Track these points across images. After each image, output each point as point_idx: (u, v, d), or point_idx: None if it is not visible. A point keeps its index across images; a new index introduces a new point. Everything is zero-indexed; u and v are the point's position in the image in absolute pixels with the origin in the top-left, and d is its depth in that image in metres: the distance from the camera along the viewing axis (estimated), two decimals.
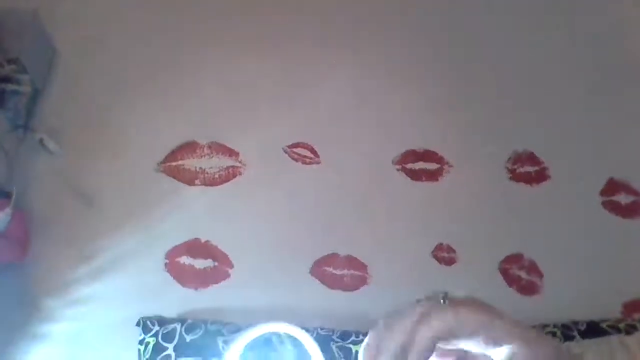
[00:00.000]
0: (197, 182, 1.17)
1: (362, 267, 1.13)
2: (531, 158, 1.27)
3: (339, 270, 1.13)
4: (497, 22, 1.44)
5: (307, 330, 0.97)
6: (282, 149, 1.22)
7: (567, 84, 1.38)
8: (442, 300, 0.38)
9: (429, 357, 0.37)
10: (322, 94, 1.30)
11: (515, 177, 1.25)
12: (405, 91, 1.33)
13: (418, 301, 0.40)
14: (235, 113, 1.25)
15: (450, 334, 0.36)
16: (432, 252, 1.16)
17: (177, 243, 1.10)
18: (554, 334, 0.99)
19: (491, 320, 0.37)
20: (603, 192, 1.26)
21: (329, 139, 1.24)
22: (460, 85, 1.35)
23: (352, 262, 1.14)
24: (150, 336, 0.96)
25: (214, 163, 1.19)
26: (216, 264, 1.10)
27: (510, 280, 1.15)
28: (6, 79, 1.11)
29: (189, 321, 0.98)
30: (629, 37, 1.46)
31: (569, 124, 1.33)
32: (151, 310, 1.02)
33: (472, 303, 0.38)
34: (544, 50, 1.42)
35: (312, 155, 1.22)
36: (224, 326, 0.98)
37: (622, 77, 1.40)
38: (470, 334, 0.37)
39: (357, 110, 1.29)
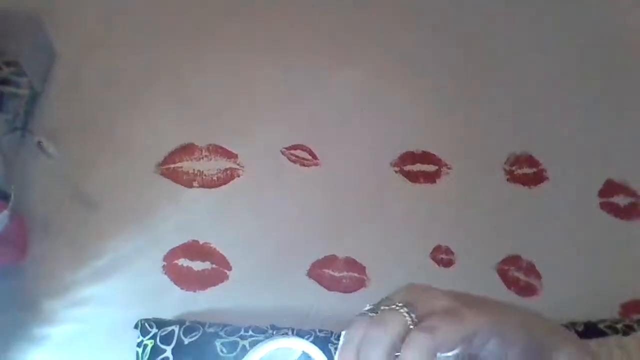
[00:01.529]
0: (195, 184, 1.17)
1: (361, 269, 1.13)
2: (529, 160, 1.27)
3: (337, 273, 1.13)
4: (496, 25, 1.44)
5: (305, 332, 0.97)
6: (281, 151, 1.22)
7: (565, 85, 1.38)
8: (409, 319, 0.35)
9: None
10: (320, 97, 1.30)
11: (513, 178, 1.25)
12: (403, 93, 1.33)
13: (377, 310, 0.36)
14: (234, 115, 1.25)
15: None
16: (431, 254, 1.16)
17: (175, 245, 1.10)
18: None
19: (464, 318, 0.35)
20: (601, 194, 1.26)
21: (327, 141, 1.25)
22: (458, 86, 1.35)
23: (350, 264, 1.14)
24: (149, 338, 0.96)
25: (212, 165, 1.19)
26: (214, 266, 1.10)
27: (509, 282, 1.15)
28: (5, 82, 1.11)
29: (187, 323, 0.98)
30: (630, 37, 1.47)
31: (567, 126, 1.33)
32: (149, 312, 1.02)
33: (437, 304, 0.36)
34: (543, 52, 1.42)
35: (310, 157, 1.22)
36: (222, 328, 0.98)
37: (621, 78, 1.40)
38: (451, 348, 0.35)
39: (355, 113, 1.29)
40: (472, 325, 0.34)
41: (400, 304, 0.35)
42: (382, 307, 0.36)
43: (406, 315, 0.35)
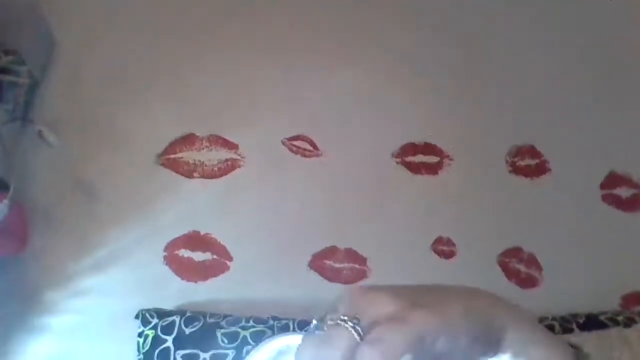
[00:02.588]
0: (196, 174, 1.16)
1: (362, 260, 1.13)
2: (531, 151, 1.27)
3: (338, 264, 1.13)
4: (497, 16, 1.42)
5: (306, 323, 0.97)
6: (282, 141, 1.22)
7: (567, 76, 1.37)
8: (355, 333, 0.34)
9: None
10: (321, 87, 1.29)
11: (515, 170, 1.25)
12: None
13: (324, 324, 0.36)
14: (235, 106, 1.24)
15: None
16: (432, 245, 1.16)
17: (176, 236, 1.10)
18: (552, 327, 0.99)
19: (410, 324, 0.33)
20: (603, 186, 1.25)
21: (329, 132, 1.24)
22: (460, 78, 1.34)
23: (351, 255, 1.14)
24: (150, 329, 0.97)
25: (213, 156, 1.18)
26: (215, 256, 1.10)
27: (510, 273, 1.15)
28: (4, 71, 1.11)
29: (188, 314, 0.99)
30: (631, 30, 1.45)
31: (569, 117, 1.32)
32: (150, 302, 1.02)
33: (383, 313, 0.35)
34: (545, 44, 1.41)
35: (311, 148, 1.22)
36: (223, 319, 0.98)
37: (623, 70, 1.39)
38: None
39: (357, 103, 1.28)
40: (417, 328, 0.34)
41: (345, 317, 0.35)
42: (328, 321, 0.36)
43: (352, 329, 0.34)
